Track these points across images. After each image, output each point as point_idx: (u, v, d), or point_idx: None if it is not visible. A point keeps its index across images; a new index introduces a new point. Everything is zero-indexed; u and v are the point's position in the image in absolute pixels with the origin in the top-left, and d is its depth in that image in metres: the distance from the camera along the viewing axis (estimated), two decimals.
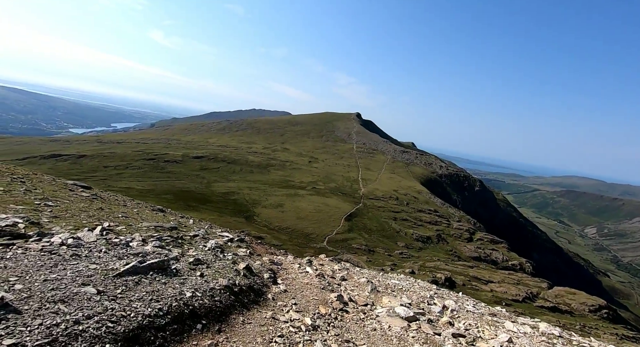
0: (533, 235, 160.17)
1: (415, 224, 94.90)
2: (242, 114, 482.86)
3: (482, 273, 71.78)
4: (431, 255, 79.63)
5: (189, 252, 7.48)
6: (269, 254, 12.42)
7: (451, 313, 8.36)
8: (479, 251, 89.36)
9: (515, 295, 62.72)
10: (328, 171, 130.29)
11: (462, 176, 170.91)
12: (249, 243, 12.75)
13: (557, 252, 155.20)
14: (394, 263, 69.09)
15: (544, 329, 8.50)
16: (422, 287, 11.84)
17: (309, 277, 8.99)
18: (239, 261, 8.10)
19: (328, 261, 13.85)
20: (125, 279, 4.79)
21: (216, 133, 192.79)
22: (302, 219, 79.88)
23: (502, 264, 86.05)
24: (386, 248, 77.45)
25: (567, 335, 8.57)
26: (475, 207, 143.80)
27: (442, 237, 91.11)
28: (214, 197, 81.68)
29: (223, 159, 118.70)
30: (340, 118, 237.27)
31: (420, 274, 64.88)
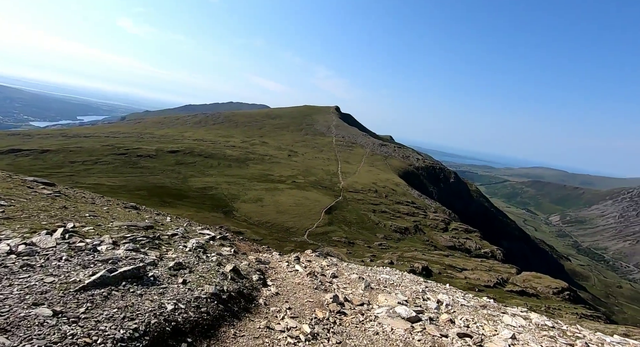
0: (503, 224, 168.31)
1: (394, 215, 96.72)
2: (219, 107, 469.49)
3: (457, 261, 74.51)
4: (409, 245, 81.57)
5: (168, 255, 6.79)
6: (253, 252, 11.85)
7: (446, 308, 8.26)
8: (454, 241, 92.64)
9: (487, 281, 65.71)
10: (308, 165, 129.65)
11: (438, 168, 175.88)
12: (232, 241, 12.07)
13: (524, 240, 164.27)
14: (373, 254, 70.19)
15: (536, 320, 8.54)
16: (412, 280, 11.75)
17: (299, 276, 8.59)
18: (225, 262, 7.50)
19: (315, 257, 13.55)
20: (92, 293, 3.98)
21: (192, 126, 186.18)
22: (282, 213, 79.13)
23: (475, 252, 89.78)
24: (366, 240, 78.50)
25: (557, 325, 8.67)
26: (450, 198, 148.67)
27: (419, 228, 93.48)
28: (190, 193, 79.01)
29: (200, 153, 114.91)
30: (319, 111, 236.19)
31: (398, 264, 66.35)
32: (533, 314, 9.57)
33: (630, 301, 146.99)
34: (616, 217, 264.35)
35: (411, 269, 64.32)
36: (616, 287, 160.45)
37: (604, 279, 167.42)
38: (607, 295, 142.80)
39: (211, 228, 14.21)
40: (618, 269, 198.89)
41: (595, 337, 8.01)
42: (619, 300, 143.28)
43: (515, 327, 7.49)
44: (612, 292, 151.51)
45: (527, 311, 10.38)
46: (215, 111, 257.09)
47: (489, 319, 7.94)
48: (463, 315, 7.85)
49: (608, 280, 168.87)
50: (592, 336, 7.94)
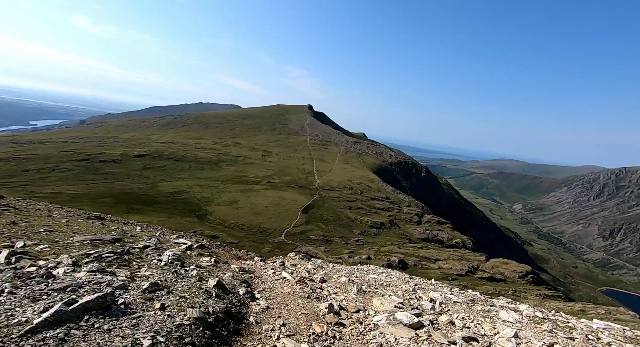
0: (472, 214, 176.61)
1: (369, 211, 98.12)
2: (188, 108, 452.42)
3: (431, 253, 77.00)
4: (385, 240, 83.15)
5: (141, 272, 5.99)
6: (234, 259, 11.16)
7: (440, 307, 8.16)
8: (427, 233, 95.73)
9: (460, 270, 68.56)
10: (282, 164, 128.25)
11: (410, 163, 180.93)
12: (211, 248, 11.30)
13: (492, 228, 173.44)
14: (351, 251, 70.78)
15: (527, 312, 8.66)
16: (400, 279, 11.60)
17: (288, 284, 8.12)
18: (206, 276, 6.79)
19: (299, 260, 13.11)
20: (43, 336, 3.06)
21: (159, 129, 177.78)
22: (258, 215, 77.61)
23: (448, 243, 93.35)
24: (343, 237, 78.99)
25: (544, 314, 8.85)
26: (422, 192, 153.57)
27: (394, 222, 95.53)
28: (161, 198, 75.30)
29: (169, 157, 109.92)
30: (292, 111, 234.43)
31: (376, 258, 67.41)
32: (521, 305, 9.70)
33: (584, 280, 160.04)
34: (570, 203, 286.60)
35: (388, 262, 65.59)
36: (572, 268, 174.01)
37: (562, 261, 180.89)
38: (565, 275, 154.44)
39: (187, 236, 13.23)
40: (573, 250, 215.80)
41: (583, 324, 8.22)
42: (575, 279, 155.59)
43: (513, 323, 7.45)
44: (569, 272, 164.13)
45: (511, 301, 10.55)
46: (184, 113, 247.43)
47: (484, 316, 7.91)
48: (458, 313, 7.78)
49: (565, 261, 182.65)
50: (579, 324, 8.12)
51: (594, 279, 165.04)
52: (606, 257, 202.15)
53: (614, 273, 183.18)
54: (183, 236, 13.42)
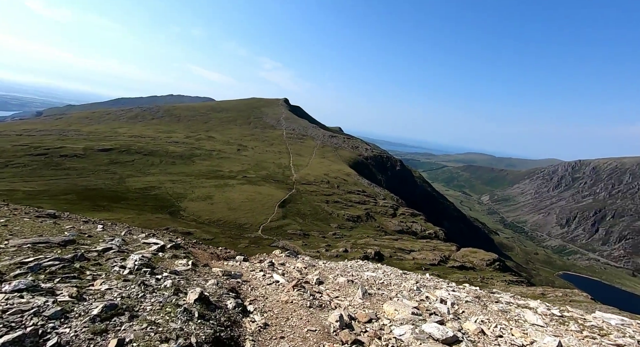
0: (444, 206, 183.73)
1: (346, 205, 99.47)
2: (157, 100, 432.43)
3: (405, 244, 79.61)
4: (361, 233, 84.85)
5: (95, 287, 4.71)
6: (215, 260, 10.19)
7: (454, 308, 7.70)
8: (402, 225, 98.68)
9: (432, 260, 71.51)
10: (258, 159, 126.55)
11: (385, 157, 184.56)
12: (187, 248, 10.09)
13: (462, 219, 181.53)
14: (328, 244, 71.69)
15: (543, 310, 8.64)
16: (397, 275, 11.42)
17: (283, 290, 7.13)
18: (184, 287, 5.51)
19: (285, 257, 12.62)
20: None
21: (127, 122, 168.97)
22: (234, 210, 76.44)
23: (421, 234, 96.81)
24: (320, 231, 79.69)
25: (562, 312, 8.80)
26: (397, 185, 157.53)
27: (370, 215, 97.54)
28: (129, 194, 72.09)
29: (138, 151, 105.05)
30: (267, 104, 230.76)
31: (353, 251, 68.80)
32: (531, 301, 9.68)
33: (544, 265, 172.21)
34: (532, 194, 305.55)
35: (365, 255, 67.11)
36: (534, 254, 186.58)
37: (525, 248, 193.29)
38: (527, 261, 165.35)
39: (158, 233, 11.92)
40: (535, 238, 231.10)
41: (600, 320, 8.16)
42: (536, 265, 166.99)
43: (544, 327, 6.99)
44: (531, 258, 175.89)
45: (513, 296, 10.85)
46: (153, 105, 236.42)
47: (507, 318, 7.42)
48: (476, 315, 7.32)
49: (527, 248, 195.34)
50: (596, 320, 8.05)
51: (552, 264, 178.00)
52: (563, 244, 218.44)
53: (569, 258, 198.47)
54: (154, 234, 11.99)
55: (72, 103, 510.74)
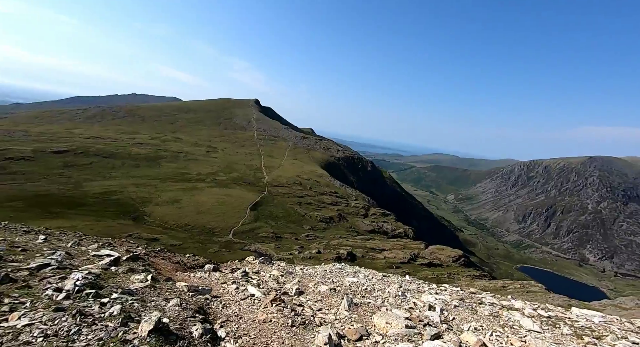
0: (412, 205, 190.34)
1: (319, 206, 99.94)
2: (118, 99, 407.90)
3: (377, 243, 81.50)
4: (334, 233, 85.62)
5: (9, 323, 3.63)
6: (181, 271, 9.18)
7: (444, 315, 7.47)
8: (374, 224, 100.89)
9: (403, 258, 73.84)
10: (229, 161, 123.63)
11: (357, 158, 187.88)
12: (148, 259, 9.05)
13: (429, 218, 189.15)
14: (301, 246, 71.61)
15: (530, 311, 8.69)
16: (378, 279, 11.26)
17: (261, 306, 6.37)
18: (138, 312, 4.53)
19: (260, 264, 11.86)
20: None
21: (83, 122, 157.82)
22: (203, 214, 74.05)
23: (392, 233, 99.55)
24: (293, 233, 79.36)
25: (549, 312, 8.95)
26: (368, 186, 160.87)
27: (342, 215, 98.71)
28: (87, 199, 67.42)
29: (96, 153, 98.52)
30: (238, 105, 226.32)
31: (326, 252, 69.28)
32: (517, 302, 9.81)
33: (504, 259, 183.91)
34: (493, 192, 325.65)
35: (337, 255, 67.82)
36: (494, 249, 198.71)
37: (486, 244, 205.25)
38: (488, 256, 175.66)
39: (117, 243, 10.73)
40: (495, 234, 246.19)
41: (584, 318, 8.46)
42: (497, 259, 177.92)
43: (543, 334, 6.90)
44: (492, 253, 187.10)
45: (493, 295, 11.04)
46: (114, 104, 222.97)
47: (502, 325, 7.27)
48: (468, 322, 7.16)
49: (489, 244, 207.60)
50: (582, 319, 8.31)
51: (510, 258, 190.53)
52: (520, 239, 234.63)
53: (525, 252, 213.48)
54: (110, 243, 10.51)
55: (20, 101, 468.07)
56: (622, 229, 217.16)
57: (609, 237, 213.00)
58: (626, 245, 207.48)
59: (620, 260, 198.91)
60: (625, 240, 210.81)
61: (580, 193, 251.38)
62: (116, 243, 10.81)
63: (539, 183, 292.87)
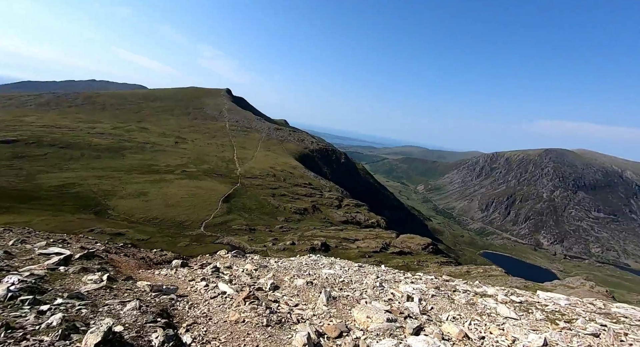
0: (384, 196, 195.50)
1: (293, 198, 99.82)
2: (76, 85, 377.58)
3: (350, 234, 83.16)
4: (308, 225, 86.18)
5: None
6: (144, 268, 8.57)
7: (423, 305, 7.41)
8: (347, 215, 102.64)
9: (375, 247, 76.04)
10: (199, 152, 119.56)
11: (330, 150, 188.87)
12: (106, 257, 8.29)
13: (401, 208, 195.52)
14: (275, 238, 71.46)
15: (503, 298, 8.92)
16: (355, 270, 11.12)
17: (233, 304, 5.91)
18: (86, 320, 3.90)
19: (232, 258, 11.37)
20: None
21: (36, 109, 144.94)
22: (172, 207, 71.48)
23: (365, 223, 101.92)
24: (267, 225, 78.91)
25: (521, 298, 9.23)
26: (342, 177, 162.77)
27: (316, 207, 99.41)
28: (42, 193, 62.62)
29: (52, 143, 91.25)
30: (208, 94, 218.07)
31: (300, 243, 69.70)
32: (489, 288, 10.08)
33: (468, 246, 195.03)
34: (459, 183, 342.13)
35: (311, 246, 68.47)
36: (460, 237, 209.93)
37: (453, 232, 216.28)
38: (455, 244, 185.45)
39: (72, 239, 9.77)
40: (461, 222, 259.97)
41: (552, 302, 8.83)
42: (462, 246, 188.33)
43: (519, 321, 7.00)
44: (458, 241, 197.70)
45: (465, 282, 11.35)
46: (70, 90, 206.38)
47: (480, 313, 7.35)
48: (447, 312, 7.18)
49: (455, 232, 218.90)
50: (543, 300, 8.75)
51: (474, 245, 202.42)
52: (483, 226, 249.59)
53: (488, 238, 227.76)
54: (64, 240, 9.43)
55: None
56: (572, 216, 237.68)
57: (560, 223, 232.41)
58: (574, 230, 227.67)
59: (569, 244, 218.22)
60: (573, 225, 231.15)
61: (536, 183, 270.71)
62: (72, 239, 9.82)
63: (500, 174, 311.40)
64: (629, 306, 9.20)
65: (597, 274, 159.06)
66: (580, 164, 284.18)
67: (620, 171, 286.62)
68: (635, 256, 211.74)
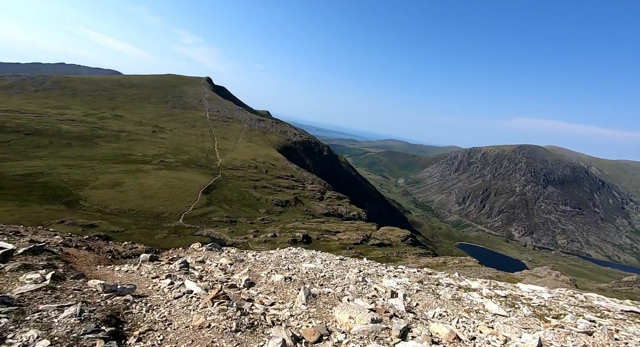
0: (366, 189, 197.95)
1: (275, 190, 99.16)
2: (42, 68, 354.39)
3: (332, 226, 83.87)
4: (290, 217, 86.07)
5: None
6: (103, 264, 7.62)
7: (408, 301, 7.16)
8: (329, 208, 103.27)
9: (356, 239, 77.12)
10: (178, 142, 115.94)
11: (313, 142, 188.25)
12: (61, 251, 7.25)
13: (381, 201, 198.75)
14: (256, 230, 70.98)
15: (487, 292, 8.74)
16: (337, 264, 10.79)
17: (198, 305, 5.25)
18: (4, 332, 3.31)
19: (207, 252, 10.62)
20: None
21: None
22: (149, 198, 69.28)
23: (346, 216, 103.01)
24: (248, 217, 78.12)
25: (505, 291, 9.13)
26: (324, 170, 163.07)
27: (298, 199, 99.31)
28: (5, 182, 58.92)
29: (16, 129, 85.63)
30: (188, 82, 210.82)
31: (281, 235, 69.59)
32: (472, 282, 9.96)
33: (445, 238, 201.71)
34: (438, 177, 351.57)
35: (293, 238, 68.51)
36: (438, 229, 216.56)
37: (431, 224, 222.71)
38: (432, 235, 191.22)
39: (27, 231, 8.71)
40: (439, 215, 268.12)
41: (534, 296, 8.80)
42: (440, 238, 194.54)
43: (509, 318, 6.77)
44: (436, 233, 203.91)
45: (448, 275, 11.21)
46: (37, 73, 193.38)
47: (468, 310, 7.08)
48: (433, 309, 6.94)
49: (433, 224, 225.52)
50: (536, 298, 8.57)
51: (451, 237, 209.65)
52: (459, 219, 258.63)
53: (464, 230, 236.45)
54: (16, 232, 8.07)
55: None
56: (541, 209, 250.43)
57: (530, 216, 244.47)
58: (543, 222, 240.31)
59: (538, 235, 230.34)
60: (542, 218, 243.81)
61: (510, 177, 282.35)
62: (27, 231, 8.61)
63: (477, 168, 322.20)
64: (607, 298, 9.38)
65: (562, 263, 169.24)
66: (551, 159, 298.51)
67: (586, 167, 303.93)
68: (596, 246, 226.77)
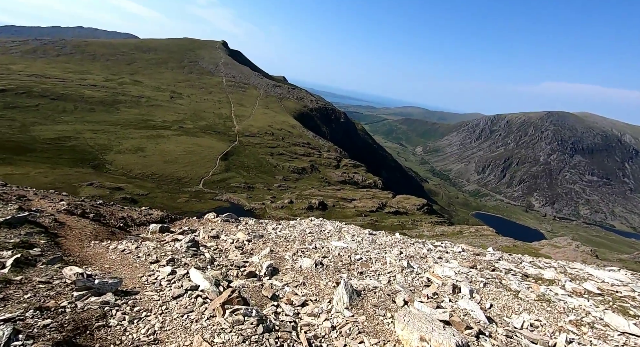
0: (382, 157, 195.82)
1: (291, 157, 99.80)
2: (62, 32, 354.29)
3: (347, 193, 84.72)
4: (306, 184, 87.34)
5: None
6: (101, 239, 6.44)
7: (480, 303, 5.54)
8: (345, 175, 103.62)
9: (371, 207, 78.00)
10: (196, 108, 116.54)
11: (330, 109, 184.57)
12: (54, 221, 6.37)
13: (398, 169, 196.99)
14: (273, 196, 72.83)
15: (574, 286, 6.59)
16: (369, 241, 9.37)
17: (203, 313, 3.74)
18: None
19: (222, 223, 9.63)
20: None
21: (22, 57, 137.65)
22: (170, 163, 71.60)
23: (362, 184, 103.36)
24: (265, 183, 79.87)
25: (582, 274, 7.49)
26: (340, 137, 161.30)
27: (315, 166, 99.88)
28: (37, 145, 62.10)
29: (43, 94, 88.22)
30: (203, 46, 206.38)
31: (298, 202, 71.27)
32: (546, 271, 7.76)
33: (462, 207, 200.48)
34: (458, 145, 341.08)
35: (309, 205, 70.09)
36: (455, 198, 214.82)
37: (448, 193, 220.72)
38: (449, 204, 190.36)
39: (37, 195, 8.09)
40: (457, 184, 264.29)
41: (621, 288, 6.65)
42: (456, 207, 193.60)
43: None
44: (452, 202, 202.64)
45: (501, 256, 9.41)
46: (57, 37, 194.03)
47: (577, 323, 4.98)
48: (519, 316, 5.18)
49: (450, 193, 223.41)
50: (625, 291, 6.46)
51: (468, 206, 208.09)
52: (478, 188, 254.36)
53: (481, 200, 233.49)
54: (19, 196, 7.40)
55: None
56: (566, 179, 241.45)
57: (553, 186, 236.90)
58: (566, 193, 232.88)
59: (559, 206, 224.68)
60: (566, 188, 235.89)
61: (535, 146, 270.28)
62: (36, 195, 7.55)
63: (500, 136, 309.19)
64: None
65: (583, 234, 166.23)
66: (581, 127, 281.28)
67: (619, 135, 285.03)
68: (622, 217, 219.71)
